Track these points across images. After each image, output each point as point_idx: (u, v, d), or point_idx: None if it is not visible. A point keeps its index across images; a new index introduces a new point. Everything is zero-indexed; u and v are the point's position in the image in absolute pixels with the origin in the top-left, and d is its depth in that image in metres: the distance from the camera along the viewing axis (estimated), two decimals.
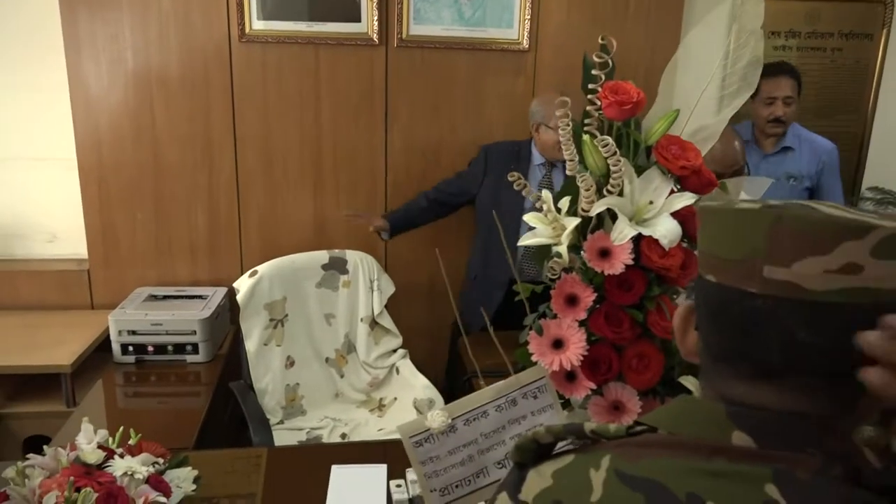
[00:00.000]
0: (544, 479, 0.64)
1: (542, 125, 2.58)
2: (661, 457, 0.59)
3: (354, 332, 2.58)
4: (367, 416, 2.45)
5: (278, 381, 2.38)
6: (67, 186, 2.84)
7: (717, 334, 0.61)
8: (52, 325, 2.70)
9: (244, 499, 1.62)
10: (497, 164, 2.68)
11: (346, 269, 2.56)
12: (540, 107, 2.59)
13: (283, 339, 2.41)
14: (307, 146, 2.86)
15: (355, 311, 2.58)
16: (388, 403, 2.51)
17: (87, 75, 2.70)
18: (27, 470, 1.35)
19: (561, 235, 0.95)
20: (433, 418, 0.97)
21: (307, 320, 2.49)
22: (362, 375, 2.54)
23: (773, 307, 0.55)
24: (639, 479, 0.58)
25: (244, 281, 2.41)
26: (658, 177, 0.94)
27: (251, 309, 2.38)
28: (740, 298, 0.57)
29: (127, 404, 2.48)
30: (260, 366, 2.36)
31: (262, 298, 2.39)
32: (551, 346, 0.97)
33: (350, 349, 2.55)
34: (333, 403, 2.46)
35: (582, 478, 0.61)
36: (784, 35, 3.10)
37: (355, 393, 2.51)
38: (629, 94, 0.91)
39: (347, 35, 2.77)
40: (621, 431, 0.62)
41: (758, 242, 0.56)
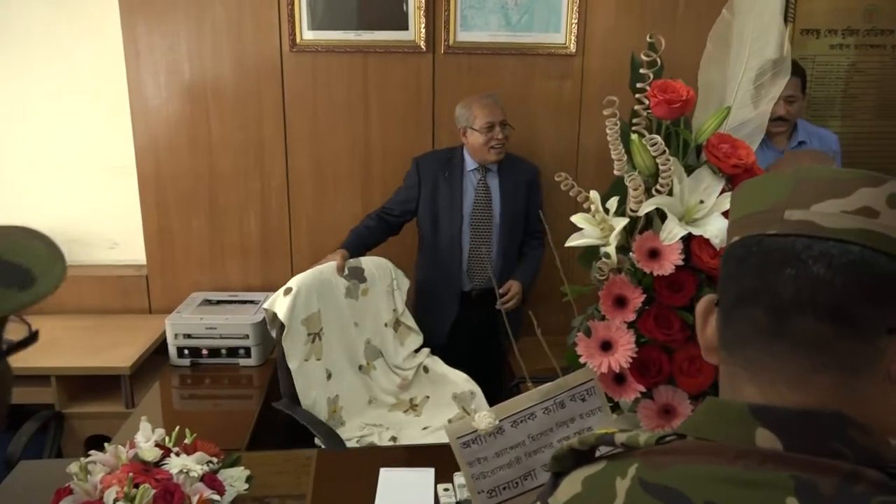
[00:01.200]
0: (575, 486, 0.64)
1: (468, 128, 2.56)
2: (685, 463, 0.58)
3: (379, 338, 2.55)
4: (404, 418, 2.44)
5: (321, 396, 2.33)
6: (128, 195, 2.94)
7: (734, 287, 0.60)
8: (113, 329, 2.79)
9: (294, 499, 1.65)
10: (430, 174, 2.65)
11: (363, 277, 2.53)
12: (464, 110, 2.57)
13: (322, 353, 2.37)
14: (356, 152, 2.90)
15: (378, 317, 2.56)
16: (420, 402, 2.50)
17: (145, 86, 2.80)
18: (89, 466, 1.41)
19: (609, 236, 0.94)
20: (480, 419, 0.97)
21: (341, 331, 2.45)
22: (392, 378, 2.53)
23: (791, 244, 0.56)
24: (660, 488, 0.57)
25: (280, 300, 2.32)
26: (709, 176, 0.92)
27: (293, 328, 2.30)
28: (759, 241, 0.58)
29: (182, 405, 2.55)
30: (303, 382, 2.30)
31: (300, 314, 2.32)
32: (600, 348, 0.97)
33: (376, 355, 2.54)
34: (368, 410, 2.43)
35: (608, 485, 0.61)
36: (841, 33, 3.00)
37: (386, 396, 2.49)
38: (678, 93, 0.90)
39: (395, 43, 2.80)
40: (651, 442, 0.61)
41: (782, 193, 0.58)
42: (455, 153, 2.68)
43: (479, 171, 2.65)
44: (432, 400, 2.51)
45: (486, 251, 2.66)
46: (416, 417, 2.44)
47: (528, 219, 2.73)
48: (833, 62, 3.03)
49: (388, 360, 2.56)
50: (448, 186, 2.64)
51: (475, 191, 2.65)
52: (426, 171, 2.65)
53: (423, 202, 2.65)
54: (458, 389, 2.48)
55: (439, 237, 2.66)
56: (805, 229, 0.56)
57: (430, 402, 2.50)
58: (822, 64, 3.04)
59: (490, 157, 2.58)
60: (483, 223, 2.66)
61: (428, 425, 2.38)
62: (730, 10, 0.94)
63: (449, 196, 2.64)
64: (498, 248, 2.68)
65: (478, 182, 2.65)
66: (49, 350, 2.61)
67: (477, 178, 2.65)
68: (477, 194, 2.65)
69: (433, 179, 2.65)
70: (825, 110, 3.09)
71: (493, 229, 2.67)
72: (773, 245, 0.57)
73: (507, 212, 2.66)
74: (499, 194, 2.66)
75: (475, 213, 2.66)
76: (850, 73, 3.05)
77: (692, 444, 0.60)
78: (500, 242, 2.68)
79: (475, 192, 2.66)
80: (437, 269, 2.69)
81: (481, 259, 2.67)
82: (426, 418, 2.43)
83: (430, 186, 2.64)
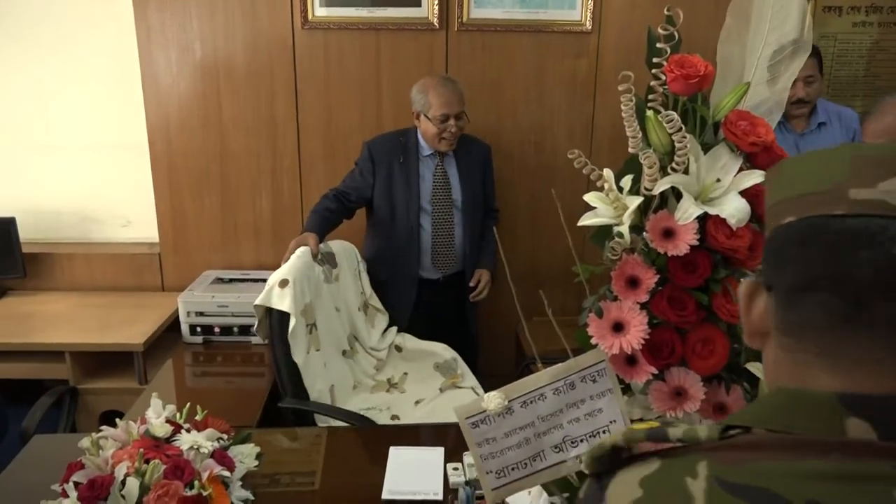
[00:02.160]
0: (632, 489, 0.59)
1: (422, 114, 2.46)
2: (767, 459, 0.54)
3: (354, 323, 2.50)
4: (389, 397, 2.40)
5: (324, 386, 2.22)
6: (140, 173, 2.94)
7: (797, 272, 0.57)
8: (126, 306, 2.81)
9: (304, 476, 1.66)
10: (384, 159, 2.54)
11: (335, 261, 2.45)
12: (420, 95, 2.46)
13: (319, 344, 2.26)
14: (368, 130, 2.88)
15: (350, 302, 2.50)
16: (399, 380, 2.48)
17: (157, 64, 2.79)
18: (101, 441, 1.42)
19: (622, 215, 0.92)
20: (490, 399, 0.96)
21: (328, 318, 2.34)
22: (370, 360, 2.50)
23: (864, 225, 0.53)
24: (744, 487, 0.53)
25: (278, 294, 2.12)
26: (726, 154, 0.90)
27: (297, 321, 2.13)
28: (827, 223, 0.55)
29: (194, 383, 2.57)
30: (310, 375, 2.16)
31: (299, 305, 2.15)
32: (611, 328, 0.95)
33: (354, 340, 2.49)
34: (353, 395, 2.37)
35: (678, 487, 0.56)
36: (864, 10, 2.93)
37: (367, 379, 2.45)
38: (696, 68, 0.87)
39: (408, 20, 2.76)
40: (714, 436, 0.57)
41: (840, 172, 0.55)
42: (408, 136, 2.58)
43: (435, 155, 2.57)
44: (412, 375, 2.50)
45: (451, 238, 2.60)
46: (402, 394, 2.42)
47: (486, 198, 2.71)
48: (855, 40, 2.97)
49: (363, 343, 2.52)
50: (403, 172, 2.54)
51: (433, 177, 2.57)
52: (379, 156, 2.55)
53: (378, 189, 2.55)
54: (438, 359, 2.50)
55: (396, 224, 2.57)
56: (876, 209, 0.53)
57: (409, 378, 2.49)
58: (843, 42, 2.97)
59: (441, 147, 2.50)
60: (444, 210, 2.58)
61: (420, 398, 2.37)
62: None
63: (405, 182, 2.54)
64: (463, 233, 2.61)
65: (435, 167, 2.57)
66: (63, 326, 2.64)
67: (434, 164, 2.57)
68: (435, 180, 2.57)
69: (387, 165, 2.54)
70: (847, 89, 3.03)
71: (454, 215, 2.60)
72: (841, 227, 0.54)
73: (468, 195, 2.60)
74: (458, 179, 2.59)
75: (435, 199, 2.57)
76: (874, 51, 2.98)
77: (767, 438, 0.56)
78: (464, 227, 2.61)
79: (433, 178, 2.57)
80: (391, 255, 2.60)
81: (446, 246, 2.60)
82: (413, 393, 2.41)
83: (385, 172, 2.54)
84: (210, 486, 1.34)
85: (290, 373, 2.13)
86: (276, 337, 2.13)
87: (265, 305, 2.13)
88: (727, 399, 0.96)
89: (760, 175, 0.89)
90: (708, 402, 0.97)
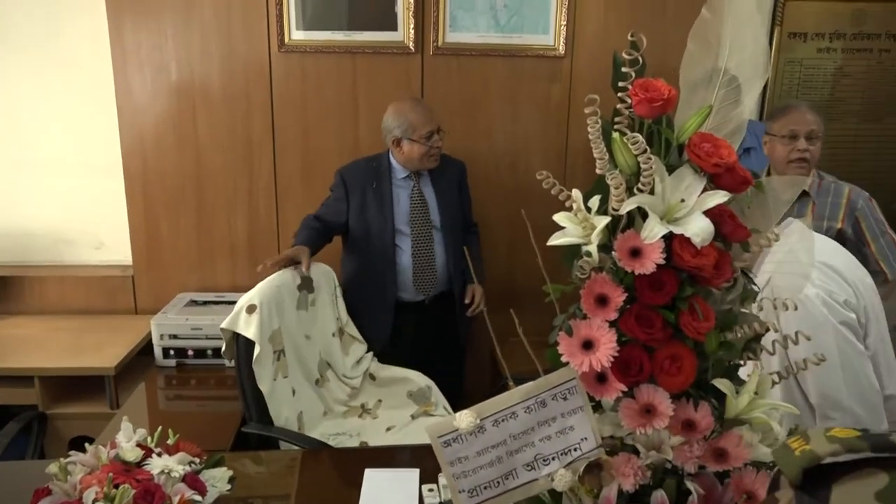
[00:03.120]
0: None
1: (405, 139, 2.48)
2: None
3: (328, 350, 2.47)
4: (360, 423, 2.39)
5: (291, 414, 2.19)
6: (114, 194, 2.92)
7: None
8: (98, 329, 2.78)
9: (278, 500, 1.64)
10: (357, 185, 2.56)
11: (312, 287, 2.43)
12: (398, 119, 2.48)
13: (287, 371, 2.23)
14: (345, 153, 2.90)
15: (325, 327, 2.48)
16: (373, 406, 2.46)
17: (132, 84, 2.78)
18: (69, 466, 1.39)
19: (591, 234, 0.94)
20: (461, 418, 0.96)
21: (295, 345, 2.31)
22: (343, 388, 2.47)
23: None
24: None
25: (244, 319, 2.09)
26: (690, 175, 0.92)
27: (263, 348, 2.10)
28: None
29: (167, 406, 2.54)
30: (276, 403, 2.13)
31: (266, 332, 2.12)
32: (581, 346, 0.96)
33: (326, 367, 2.46)
34: (324, 421, 2.34)
35: None
36: (829, 37, 3.02)
37: (338, 406, 2.43)
38: (659, 91, 0.90)
39: (384, 43, 2.80)
40: None
41: None
42: (381, 161, 2.60)
43: (410, 178, 2.58)
44: (386, 402, 2.47)
45: (431, 259, 2.60)
46: (374, 420, 2.40)
47: (464, 215, 2.72)
48: (820, 66, 3.06)
49: (337, 371, 2.49)
50: (377, 198, 2.55)
51: (410, 200, 2.58)
52: (352, 182, 2.57)
53: (353, 214, 2.57)
54: (412, 387, 2.48)
55: (371, 249, 2.57)
56: None
57: (384, 405, 2.47)
58: (809, 67, 3.06)
59: (429, 164, 2.53)
60: (423, 231, 2.59)
61: (391, 425, 2.35)
62: (709, 8, 0.94)
63: (378, 208, 2.55)
64: (445, 253, 2.62)
65: (412, 189, 2.58)
66: (33, 350, 2.60)
67: (410, 186, 2.58)
68: (413, 203, 2.58)
69: (361, 191, 2.56)
70: None
71: (433, 235, 2.60)
72: None
73: (447, 215, 2.61)
74: (434, 200, 2.60)
75: (413, 221, 2.57)
76: (837, 76, 3.07)
77: None
78: (445, 246, 2.61)
79: (410, 202, 2.58)
80: (368, 278, 2.60)
81: (427, 268, 2.60)
82: (385, 420, 2.39)
83: (358, 199, 2.56)
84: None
85: (255, 398, 2.10)
86: (242, 362, 2.10)
87: (231, 330, 2.10)
88: (695, 416, 0.98)
89: (724, 195, 0.91)
90: (677, 418, 0.98)
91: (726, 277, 0.97)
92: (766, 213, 1.04)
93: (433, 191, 2.61)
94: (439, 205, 2.60)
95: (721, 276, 0.96)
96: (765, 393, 0.99)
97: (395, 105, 2.52)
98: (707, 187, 0.93)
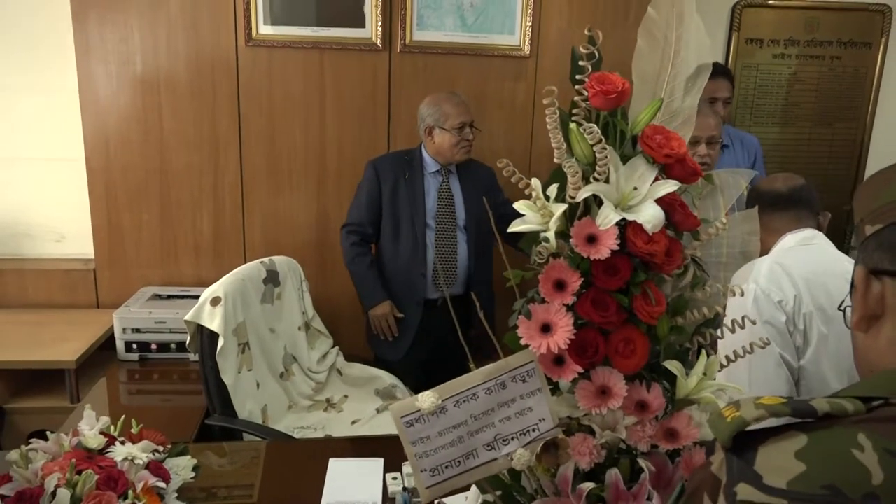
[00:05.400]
0: (789, 464, 0.60)
1: (437, 128, 2.50)
2: None
3: (293, 343, 2.48)
4: (325, 416, 2.39)
5: (255, 406, 2.20)
6: (76, 187, 2.89)
7: None
8: (58, 323, 2.74)
9: (242, 489, 1.65)
10: (389, 175, 2.55)
11: (278, 280, 2.43)
12: (432, 108, 2.50)
13: (251, 363, 2.24)
14: (311, 149, 2.90)
15: (291, 321, 2.48)
16: (339, 401, 2.47)
17: (96, 78, 2.75)
18: (30, 454, 1.38)
19: (549, 221, 0.97)
20: (423, 399, 0.99)
21: (259, 338, 2.32)
22: (308, 382, 2.48)
23: None
24: None
25: (209, 311, 2.10)
26: (643, 164, 0.96)
27: (227, 340, 2.11)
28: None
29: (129, 400, 2.52)
30: (239, 395, 2.14)
31: (231, 325, 2.14)
32: (540, 330, 1.00)
33: (292, 360, 2.46)
34: (289, 415, 2.35)
35: (847, 460, 0.58)
36: (783, 43, 3.13)
37: (303, 400, 2.44)
38: (614, 84, 0.94)
39: (352, 40, 2.82)
40: (861, 409, 0.61)
41: None
42: (413, 155, 2.60)
43: (440, 173, 2.58)
44: (352, 397, 2.49)
45: (454, 257, 2.58)
46: (339, 413, 2.41)
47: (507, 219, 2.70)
48: (775, 71, 3.16)
49: (302, 365, 2.49)
50: (409, 189, 2.54)
51: (438, 194, 2.58)
52: (385, 173, 2.56)
53: (385, 205, 2.55)
54: (379, 384, 2.49)
55: (401, 243, 2.56)
56: None
57: (349, 400, 2.48)
58: (764, 73, 3.16)
59: (458, 157, 2.52)
60: (448, 228, 2.57)
61: (356, 419, 2.36)
62: (654, 7, 0.99)
63: (411, 200, 2.54)
64: (467, 253, 2.60)
65: (440, 185, 2.58)
66: None
67: (439, 181, 2.58)
68: (440, 198, 2.58)
69: (393, 182, 2.54)
70: (768, 117, 3.22)
71: (457, 233, 2.59)
72: None
73: (471, 215, 2.59)
74: (461, 197, 2.60)
75: (439, 217, 2.57)
76: (791, 81, 3.18)
77: None
78: (468, 246, 2.60)
79: (438, 196, 2.58)
80: (397, 277, 2.58)
81: (449, 266, 2.58)
82: (350, 414, 2.40)
83: (390, 190, 2.54)
84: (144, 497, 1.32)
85: (219, 391, 2.11)
86: (206, 355, 2.11)
87: (196, 322, 2.11)
88: (648, 397, 1.02)
89: (674, 184, 0.96)
90: (630, 399, 1.02)
91: (677, 264, 1.02)
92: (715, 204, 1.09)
93: (460, 189, 2.60)
94: (465, 203, 2.59)
95: (672, 262, 1.01)
96: (712, 374, 1.04)
97: (431, 95, 2.56)
98: (659, 177, 0.98)
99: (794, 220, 1.71)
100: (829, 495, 0.57)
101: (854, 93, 3.20)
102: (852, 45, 3.14)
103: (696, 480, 0.67)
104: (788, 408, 0.62)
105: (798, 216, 1.71)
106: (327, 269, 2.95)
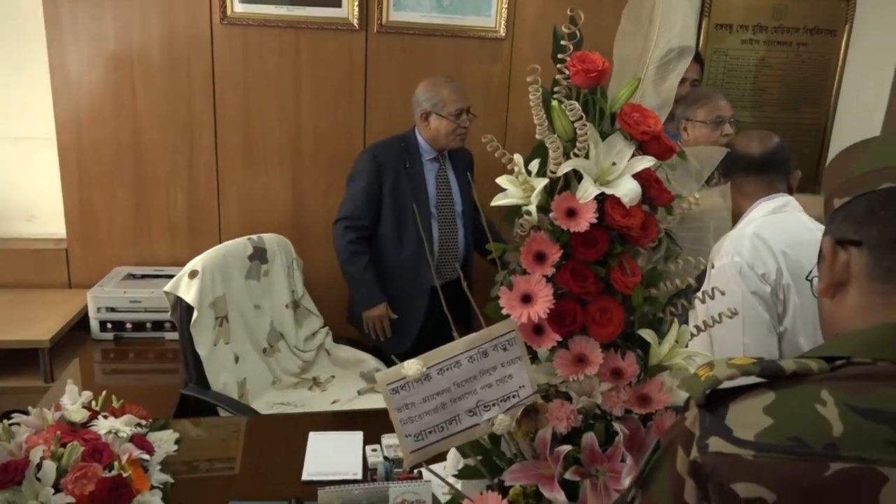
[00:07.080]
0: (757, 419, 0.64)
1: (434, 114, 2.44)
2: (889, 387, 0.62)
3: (280, 320, 2.48)
4: (309, 394, 2.41)
5: (231, 380, 2.23)
6: (46, 166, 2.84)
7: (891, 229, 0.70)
8: (30, 303, 2.71)
9: (224, 462, 1.67)
10: (390, 165, 2.47)
11: (266, 258, 2.43)
12: (430, 93, 2.44)
13: (229, 337, 2.26)
14: (287, 128, 2.90)
15: (278, 299, 2.49)
16: (325, 381, 2.48)
17: (67, 54, 2.71)
18: (13, 428, 1.39)
19: (530, 196, 1.01)
20: (409, 366, 1.03)
21: (241, 313, 2.34)
22: (294, 360, 2.50)
23: None
24: (877, 412, 0.60)
25: (185, 283, 2.17)
26: (621, 141, 1.00)
27: (203, 312, 2.16)
28: None
29: (105, 380, 2.51)
30: (214, 367, 2.18)
31: (208, 298, 2.19)
32: (520, 300, 1.04)
33: (278, 337, 2.47)
34: (272, 390, 2.37)
35: (811, 414, 0.62)
36: (752, 29, 3.20)
37: (289, 377, 2.45)
38: (595, 63, 0.98)
39: (328, 20, 2.81)
40: (826, 367, 0.65)
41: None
42: (409, 140, 2.52)
43: (437, 160, 2.54)
44: (338, 378, 2.50)
45: (455, 245, 2.56)
46: (322, 392, 2.43)
47: None
48: (744, 56, 3.23)
49: (289, 342, 2.50)
50: (411, 179, 2.47)
51: (437, 181, 2.54)
52: (386, 163, 2.46)
53: (385, 197, 2.47)
54: (364, 368, 2.50)
55: (405, 233, 2.49)
56: None
57: (335, 380, 2.49)
58: (734, 57, 3.23)
59: (453, 144, 2.47)
60: (449, 215, 2.56)
61: (337, 398, 2.37)
62: None
63: (414, 189, 2.47)
64: (465, 240, 2.59)
65: (438, 171, 2.55)
66: None
67: (437, 168, 2.55)
68: (439, 185, 2.54)
69: (394, 172, 2.46)
70: (736, 101, 3.28)
71: (456, 219, 2.57)
72: None
73: (466, 200, 2.58)
74: (456, 184, 2.58)
75: (440, 205, 2.53)
76: (759, 67, 3.25)
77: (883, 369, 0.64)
78: (465, 233, 2.59)
79: (437, 183, 2.54)
80: (401, 266, 2.52)
81: (451, 254, 2.56)
82: (333, 393, 2.42)
83: (392, 180, 2.46)
84: (129, 469, 1.34)
85: (195, 362, 2.18)
86: (183, 326, 2.18)
87: (174, 293, 2.18)
88: (622, 364, 1.07)
89: (651, 160, 1.00)
90: (606, 366, 1.06)
91: (652, 237, 1.07)
92: (688, 181, 1.14)
93: (454, 175, 2.57)
94: (460, 189, 2.57)
95: (647, 236, 1.06)
96: (684, 342, 1.10)
97: (428, 80, 2.49)
98: (635, 153, 1.02)
99: (765, 185, 1.77)
100: (793, 446, 0.62)
101: (819, 78, 3.29)
102: (818, 31, 3.23)
103: (671, 435, 0.72)
104: (758, 367, 0.67)
105: (769, 181, 1.77)
106: (304, 250, 2.95)
